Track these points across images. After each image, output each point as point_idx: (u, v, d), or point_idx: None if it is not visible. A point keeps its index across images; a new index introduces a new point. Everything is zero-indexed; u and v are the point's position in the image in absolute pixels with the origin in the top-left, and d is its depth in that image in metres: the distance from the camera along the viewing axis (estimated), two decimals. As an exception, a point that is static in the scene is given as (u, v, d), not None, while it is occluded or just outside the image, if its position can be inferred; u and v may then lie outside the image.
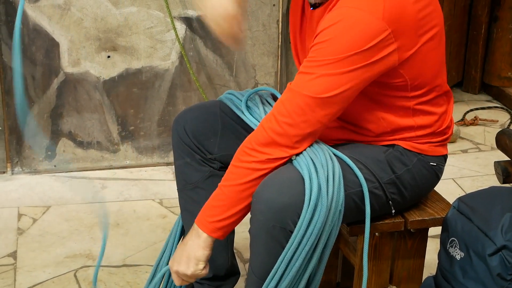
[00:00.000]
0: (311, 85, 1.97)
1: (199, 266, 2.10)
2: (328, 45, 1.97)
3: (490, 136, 4.15)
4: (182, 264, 2.11)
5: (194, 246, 2.09)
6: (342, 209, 2.01)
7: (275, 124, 2.00)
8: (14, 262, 2.91)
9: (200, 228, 2.08)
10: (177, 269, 2.12)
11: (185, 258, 2.10)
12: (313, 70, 1.98)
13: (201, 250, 2.09)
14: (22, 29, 3.41)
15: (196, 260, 2.09)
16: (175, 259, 2.13)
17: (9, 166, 3.60)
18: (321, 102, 1.97)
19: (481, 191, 2.27)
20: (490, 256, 2.05)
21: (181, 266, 2.11)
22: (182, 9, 3.56)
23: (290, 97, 2.00)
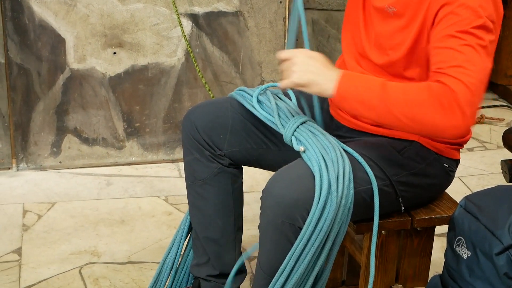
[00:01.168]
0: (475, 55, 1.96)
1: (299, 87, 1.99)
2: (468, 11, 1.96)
3: (496, 135, 4.14)
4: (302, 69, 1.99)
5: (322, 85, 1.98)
6: (352, 206, 2.00)
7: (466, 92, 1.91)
8: (19, 258, 2.91)
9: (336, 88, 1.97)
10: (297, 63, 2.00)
11: (309, 74, 1.98)
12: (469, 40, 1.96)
13: (318, 91, 1.98)
14: (28, 25, 3.41)
15: (308, 84, 1.98)
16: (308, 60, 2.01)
17: (14, 162, 3.60)
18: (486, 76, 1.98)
19: (488, 190, 2.26)
20: (497, 255, 2.04)
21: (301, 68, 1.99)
22: (189, 5, 3.56)
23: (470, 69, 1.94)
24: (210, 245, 2.40)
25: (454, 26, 1.96)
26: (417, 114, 1.91)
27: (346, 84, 1.97)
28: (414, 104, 1.91)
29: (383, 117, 1.96)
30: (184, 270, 2.53)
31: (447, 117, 1.90)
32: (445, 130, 1.91)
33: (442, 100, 1.89)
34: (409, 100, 1.92)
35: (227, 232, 2.39)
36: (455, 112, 1.89)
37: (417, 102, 1.91)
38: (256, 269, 2.12)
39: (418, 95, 1.92)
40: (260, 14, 3.65)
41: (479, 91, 1.92)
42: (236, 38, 3.67)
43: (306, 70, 2.00)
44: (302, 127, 2.10)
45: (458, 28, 1.95)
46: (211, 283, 2.44)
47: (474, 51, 1.94)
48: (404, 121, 1.93)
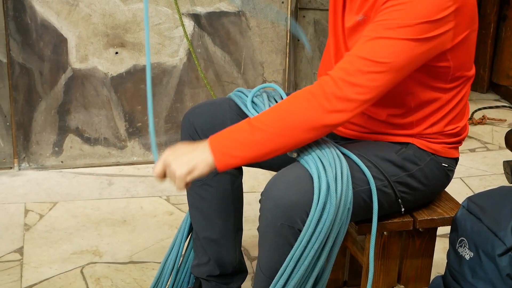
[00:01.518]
0: (373, 46, 1.96)
1: (188, 177, 1.97)
2: (403, 8, 1.95)
3: (498, 135, 4.14)
4: (178, 162, 1.97)
5: (200, 157, 1.97)
6: (351, 207, 2.00)
7: (333, 87, 1.95)
8: (21, 258, 2.91)
9: (212, 150, 1.97)
10: (170, 163, 1.98)
11: (185, 159, 1.97)
12: (380, 33, 1.96)
13: (202, 166, 1.97)
14: (30, 24, 3.41)
15: (192, 168, 1.97)
16: (175, 153, 2.00)
17: (16, 162, 3.60)
18: (381, 66, 1.95)
19: (490, 191, 2.26)
20: (500, 256, 2.04)
21: (177, 163, 1.97)
22: (191, 5, 3.56)
23: (349, 60, 1.97)
24: (210, 245, 2.39)
25: (384, 20, 1.98)
26: (291, 123, 1.96)
27: (217, 143, 1.98)
28: (284, 117, 1.96)
29: (271, 144, 1.97)
30: (185, 270, 2.53)
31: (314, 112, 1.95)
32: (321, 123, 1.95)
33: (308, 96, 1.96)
34: (279, 113, 1.97)
35: (227, 232, 2.39)
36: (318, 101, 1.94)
37: (287, 111, 1.97)
38: (256, 271, 2.12)
39: (286, 105, 1.98)
40: (262, 14, 3.64)
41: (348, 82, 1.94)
42: (238, 38, 3.67)
43: (181, 160, 1.98)
44: None
45: (386, 22, 1.97)
46: (212, 283, 2.44)
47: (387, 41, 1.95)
48: (288, 135, 1.96)
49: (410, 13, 1.95)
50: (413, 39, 1.95)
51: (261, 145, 1.97)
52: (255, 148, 1.97)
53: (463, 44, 2.07)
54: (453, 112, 2.18)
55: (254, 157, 1.99)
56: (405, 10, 1.95)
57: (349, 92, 1.94)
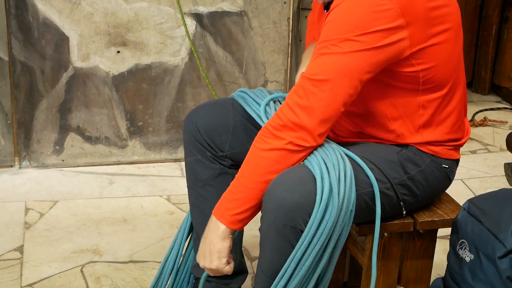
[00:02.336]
0: (313, 66, 1.99)
1: (222, 260, 2.10)
2: (335, 23, 1.98)
3: (499, 137, 4.14)
4: (206, 258, 2.11)
5: (214, 239, 2.08)
6: (353, 209, 2.00)
7: (287, 111, 1.99)
8: (21, 256, 2.91)
9: (219, 220, 2.07)
10: (204, 264, 2.12)
11: (208, 252, 2.10)
12: (318, 50, 1.99)
13: (221, 242, 2.08)
14: (32, 22, 3.41)
15: (217, 253, 2.09)
16: (200, 254, 2.13)
17: (17, 160, 3.60)
18: (324, 84, 1.97)
19: (491, 193, 2.26)
20: (500, 258, 2.04)
21: (206, 261, 2.11)
22: (193, 5, 3.56)
23: (299, 83, 2.01)
24: (211, 246, 2.39)
25: (322, 37, 2.01)
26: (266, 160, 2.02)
27: (220, 213, 2.08)
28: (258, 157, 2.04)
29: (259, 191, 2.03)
30: (185, 270, 2.53)
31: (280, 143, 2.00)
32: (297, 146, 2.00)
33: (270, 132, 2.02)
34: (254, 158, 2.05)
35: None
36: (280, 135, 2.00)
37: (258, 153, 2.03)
38: (257, 271, 2.12)
39: (256, 149, 2.05)
40: (264, 14, 3.64)
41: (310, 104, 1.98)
42: (240, 38, 3.67)
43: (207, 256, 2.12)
44: None
45: (322, 39, 2.00)
46: (212, 284, 2.44)
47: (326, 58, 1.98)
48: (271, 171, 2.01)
49: (341, 27, 1.96)
50: (357, 51, 1.95)
51: (255, 191, 2.04)
52: (252, 195, 2.05)
53: (430, 48, 2.05)
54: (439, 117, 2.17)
55: (256, 203, 2.06)
56: (342, 23, 1.97)
57: (306, 117, 1.98)
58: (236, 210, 2.05)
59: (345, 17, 1.97)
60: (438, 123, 2.17)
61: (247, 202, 2.04)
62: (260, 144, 2.03)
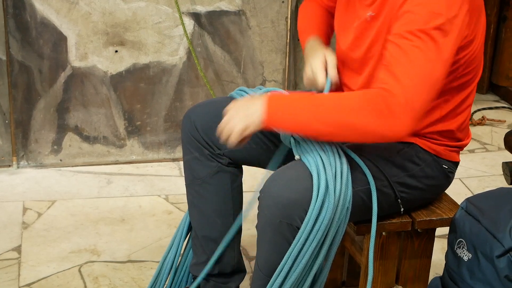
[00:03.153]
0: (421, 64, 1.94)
1: (245, 132, 2.01)
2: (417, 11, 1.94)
3: (497, 136, 4.14)
4: (236, 118, 2.02)
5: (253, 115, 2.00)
6: (350, 206, 2.00)
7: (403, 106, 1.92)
8: (19, 256, 2.90)
9: (266, 113, 1.99)
10: (229, 120, 2.04)
11: (242, 115, 2.02)
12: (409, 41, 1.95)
13: (255, 124, 2.00)
14: (30, 22, 3.41)
15: (245, 125, 2.01)
16: (235, 108, 2.05)
17: (14, 160, 3.60)
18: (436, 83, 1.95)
19: (489, 192, 2.26)
20: (498, 257, 2.04)
21: (235, 119, 2.03)
22: (191, 4, 3.55)
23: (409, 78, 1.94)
24: (209, 244, 2.39)
25: (407, 25, 1.95)
26: (350, 122, 1.93)
27: (272, 107, 1.99)
28: (346, 112, 1.93)
29: (320, 131, 1.97)
30: (183, 269, 2.52)
31: (380, 122, 1.91)
32: (380, 134, 1.93)
33: (375, 104, 1.91)
34: (341, 108, 1.94)
35: (226, 231, 2.39)
36: (387, 116, 1.90)
37: (349, 109, 1.93)
38: (254, 269, 2.12)
39: (351, 102, 1.94)
40: (262, 13, 3.64)
41: (417, 94, 1.91)
42: (238, 38, 3.66)
43: (237, 114, 2.03)
44: None
45: (410, 28, 1.94)
46: (210, 283, 2.44)
47: (421, 53, 1.92)
48: (340, 131, 1.94)
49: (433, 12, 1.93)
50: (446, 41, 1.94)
51: (313, 129, 1.97)
52: (307, 128, 1.98)
53: (471, 42, 2.06)
54: (456, 112, 2.17)
55: (299, 133, 2.01)
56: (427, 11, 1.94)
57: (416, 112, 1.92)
58: (282, 121, 1.99)
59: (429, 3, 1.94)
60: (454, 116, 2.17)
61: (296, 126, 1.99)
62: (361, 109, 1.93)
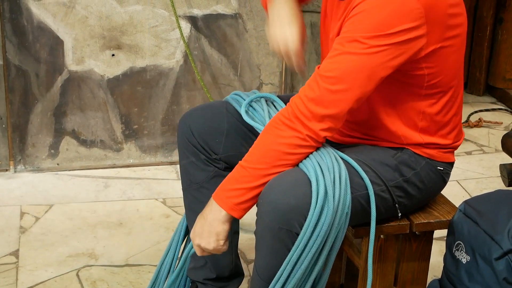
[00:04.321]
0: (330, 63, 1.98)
1: (220, 242, 2.08)
2: (362, 18, 1.95)
3: (494, 138, 4.14)
4: (203, 239, 2.09)
5: (215, 222, 2.06)
6: (349, 211, 2.00)
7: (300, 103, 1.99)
8: (16, 261, 2.90)
9: (221, 206, 2.05)
10: (199, 243, 2.10)
11: (206, 233, 2.08)
12: (340, 46, 1.97)
13: (221, 225, 2.06)
14: (26, 26, 3.40)
15: (216, 235, 2.07)
16: (196, 233, 2.10)
17: (12, 164, 3.59)
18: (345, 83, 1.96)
19: (487, 194, 2.26)
20: (497, 260, 2.04)
21: (202, 241, 2.09)
22: (187, 8, 3.55)
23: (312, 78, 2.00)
24: (206, 248, 2.39)
25: (345, 33, 1.99)
26: (279, 150, 2.01)
27: (221, 198, 2.05)
28: (270, 149, 2.01)
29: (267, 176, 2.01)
30: (181, 273, 2.52)
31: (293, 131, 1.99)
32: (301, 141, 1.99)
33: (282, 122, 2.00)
34: (262, 148, 2.02)
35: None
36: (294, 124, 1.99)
37: (270, 142, 2.01)
38: (252, 275, 2.11)
39: (266, 137, 2.03)
40: (259, 16, 3.64)
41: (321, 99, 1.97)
42: (234, 41, 3.66)
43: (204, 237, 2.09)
44: None
45: (345, 35, 1.98)
46: (208, 287, 2.44)
47: (348, 56, 1.96)
48: (282, 161, 2.00)
49: (369, 23, 1.94)
50: (380, 51, 1.94)
51: (260, 181, 2.02)
52: (257, 185, 2.02)
53: (440, 52, 2.05)
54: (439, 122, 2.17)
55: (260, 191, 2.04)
56: (370, 19, 1.95)
57: (317, 110, 1.97)
58: (240, 199, 2.03)
59: (374, 13, 1.94)
60: (438, 128, 2.17)
61: (252, 191, 2.02)
62: (271, 133, 2.01)
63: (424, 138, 2.16)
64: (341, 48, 1.97)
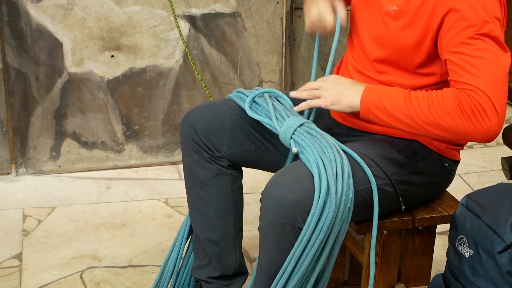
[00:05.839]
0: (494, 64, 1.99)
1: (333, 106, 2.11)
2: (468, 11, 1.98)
3: (496, 132, 4.13)
4: (330, 91, 2.11)
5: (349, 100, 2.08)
6: (352, 206, 2.00)
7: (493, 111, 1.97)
8: (20, 264, 2.90)
9: (361, 103, 2.06)
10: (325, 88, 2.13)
11: (336, 93, 2.10)
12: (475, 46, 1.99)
13: (346, 108, 2.09)
14: (25, 29, 3.40)
15: (337, 102, 2.09)
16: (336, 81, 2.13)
17: (13, 167, 3.59)
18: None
19: (489, 188, 2.25)
20: (500, 253, 2.03)
21: (328, 91, 2.11)
22: (186, 7, 3.55)
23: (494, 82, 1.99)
24: (210, 246, 2.39)
25: (464, 32, 1.98)
26: (443, 123, 1.98)
27: (368, 97, 2.05)
28: (439, 113, 1.98)
29: (411, 127, 2.02)
30: (185, 272, 2.52)
31: (473, 125, 1.96)
32: (474, 136, 1.98)
33: (465, 108, 1.95)
34: (434, 109, 1.98)
35: (227, 233, 2.39)
36: (479, 119, 1.95)
37: (442, 110, 1.98)
38: (256, 271, 2.11)
39: (444, 103, 1.98)
40: (258, 14, 3.64)
41: (499, 92, 1.96)
42: (234, 39, 3.66)
43: (333, 88, 2.11)
44: (299, 129, 2.10)
45: (469, 34, 1.98)
46: (212, 285, 2.44)
47: (488, 53, 1.97)
48: (431, 129, 1.99)
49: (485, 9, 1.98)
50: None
51: (406, 124, 2.02)
52: (398, 123, 2.03)
53: None
54: None
55: (393, 127, 2.06)
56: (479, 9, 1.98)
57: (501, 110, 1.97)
58: (377, 115, 2.05)
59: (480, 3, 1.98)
60: None
61: (390, 118, 2.03)
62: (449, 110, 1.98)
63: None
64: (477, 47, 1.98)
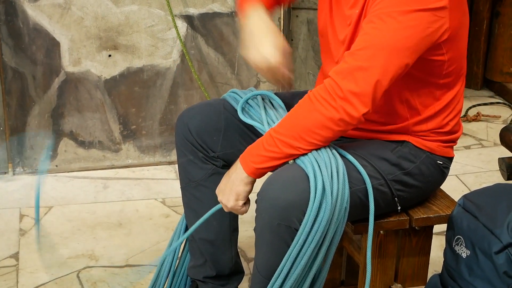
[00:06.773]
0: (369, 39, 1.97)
1: (239, 202, 2.09)
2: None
3: (493, 132, 4.14)
4: (224, 196, 2.11)
5: (236, 181, 2.08)
6: (348, 206, 2.00)
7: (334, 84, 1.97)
8: (16, 263, 2.90)
9: (244, 169, 2.06)
10: (221, 199, 2.13)
11: (227, 190, 2.10)
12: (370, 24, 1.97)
13: (242, 186, 2.08)
14: (22, 28, 3.40)
15: (236, 195, 2.08)
16: (219, 189, 2.13)
17: (10, 167, 3.59)
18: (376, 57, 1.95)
19: (486, 188, 2.26)
20: (497, 254, 2.04)
21: (223, 197, 2.11)
22: (183, 7, 3.55)
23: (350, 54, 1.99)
24: (206, 246, 2.39)
25: (374, 11, 1.99)
26: (310, 125, 1.99)
27: (245, 162, 2.06)
28: (302, 120, 1.99)
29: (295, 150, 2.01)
30: (181, 273, 2.52)
31: (330, 111, 1.96)
32: (337, 122, 1.97)
33: (320, 96, 1.98)
34: (298, 120, 2.00)
35: (222, 233, 2.39)
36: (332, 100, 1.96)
37: (302, 116, 2.00)
38: (253, 272, 2.11)
39: (301, 109, 2.01)
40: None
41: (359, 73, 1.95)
42: (231, 39, 3.66)
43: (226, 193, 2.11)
44: None
45: (378, 12, 1.98)
46: (208, 285, 2.44)
47: (377, 31, 1.96)
48: (311, 134, 1.99)
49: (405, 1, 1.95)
50: (412, 26, 1.95)
51: (286, 153, 2.02)
52: (282, 156, 2.02)
53: (456, 37, 2.07)
54: (447, 109, 2.18)
55: (283, 162, 2.04)
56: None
57: (353, 86, 1.95)
58: (263, 165, 2.04)
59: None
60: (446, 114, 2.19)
61: (275, 161, 2.03)
62: (304, 107, 2.00)
63: (428, 125, 2.17)
64: (371, 25, 1.97)
